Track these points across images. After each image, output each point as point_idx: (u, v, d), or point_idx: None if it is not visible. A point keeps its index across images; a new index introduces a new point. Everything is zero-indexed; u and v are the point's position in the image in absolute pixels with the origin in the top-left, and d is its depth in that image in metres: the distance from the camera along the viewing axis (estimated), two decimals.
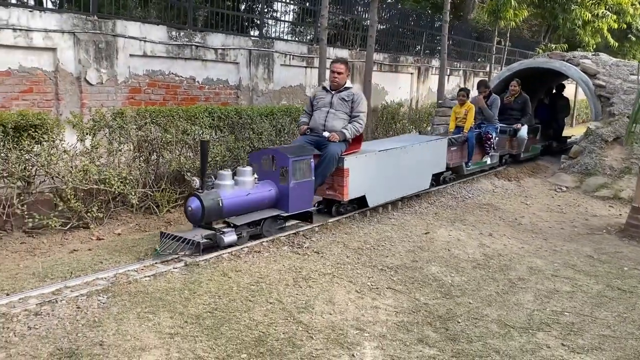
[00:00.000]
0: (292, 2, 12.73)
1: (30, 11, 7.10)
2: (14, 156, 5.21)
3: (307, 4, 12.71)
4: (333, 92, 5.99)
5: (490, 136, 8.66)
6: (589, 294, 4.53)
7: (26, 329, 3.17)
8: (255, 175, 5.05)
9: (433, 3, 19.76)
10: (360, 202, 6.17)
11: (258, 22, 11.76)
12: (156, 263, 4.34)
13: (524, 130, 9.53)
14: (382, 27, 15.37)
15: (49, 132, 5.52)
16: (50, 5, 8.79)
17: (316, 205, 5.96)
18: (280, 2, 12.29)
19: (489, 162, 8.93)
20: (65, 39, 7.47)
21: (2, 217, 5.28)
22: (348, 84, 6.07)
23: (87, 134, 6.03)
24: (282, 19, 12.51)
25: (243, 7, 12.36)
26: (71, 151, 5.87)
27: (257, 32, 11.38)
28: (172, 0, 10.07)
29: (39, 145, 5.50)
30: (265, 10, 12.20)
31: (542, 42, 18.54)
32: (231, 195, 4.77)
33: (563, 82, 12.76)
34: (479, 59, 18.86)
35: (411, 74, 15.17)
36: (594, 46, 17.78)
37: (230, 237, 4.65)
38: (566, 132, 13.21)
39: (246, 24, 11.28)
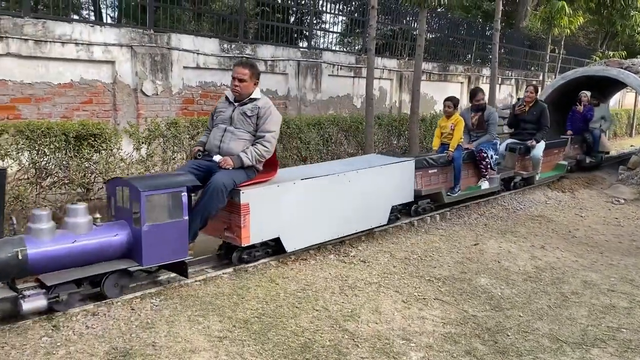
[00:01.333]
0: (340, 13, 12.85)
1: (92, 26, 7.47)
2: (74, 164, 5.48)
3: (356, 15, 12.79)
4: (235, 104, 4.62)
5: (485, 155, 7.19)
6: None
7: (84, 328, 3.32)
8: (97, 215, 3.84)
9: (484, 12, 19.50)
10: (277, 245, 4.77)
11: (307, 33, 11.94)
12: (206, 268, 4.46)
13: (539, 148, 8.18)
14: (431, 36, 15.28)
15: (108, 141, 5.78)
16: (109, 20, 9.24)
17: (218, 249, 4.83)
18: (329, 14, 12.44)
19: (485, 186, 7.34)
20: (123, 52, 7.81)
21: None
22: (256, 94, 4.65)
23: (142, 143, 6.28)
24: (331, 30, 12.65)
25: (292, 19, 12.57)
26: (127, 159, 6.12)
27: (306, 44, 11.54)
28: (224, 13, 10.37)
29: (98, 154, 5.77)
30: (315, 21, 12.36)
31: (599, 49, 17.93)
32: (46, 243, 3.49)
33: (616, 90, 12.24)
34: (531, 68, 18.41)
35: (461, 83, 14.99)
36: None
37: (34, 302, 3.34)
38: (618, 143, 12.46)
39: (295, 35, 11.46)
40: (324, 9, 12.31)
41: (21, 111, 6.91)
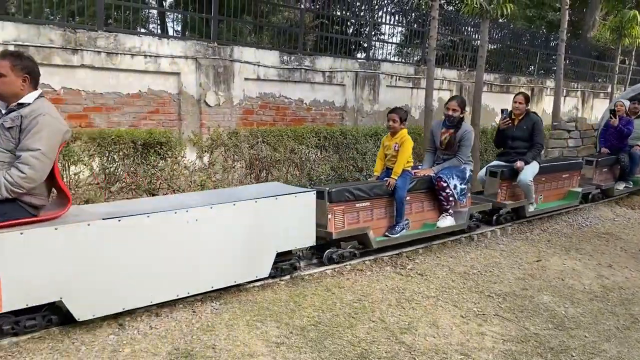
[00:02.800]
0: (399, 24, 12.83)
1: (159, 39, 7.80)
2: (141, 170, 5.73)
3: (415, 26, 12.74)
4: (2, 112, 3.29)
5: (445, 184, 5.58)
6: None
7: (148, 328, 3.45)
8: None
9: (548, 22, 18.94)
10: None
11: (365, 45, 11.98)
12: None
13: (529, 171, 6.42)
14: (493, 47, 14.99)
15: (173, 149, 6.00)
16: (174, 34, 9.61)
17: None
18: (387, 25, 12.45)
19: (445, 224, 5.69)
20: (188, 64, 8.11)
21: None
22: (28, 97, 3.25)
23: (205, 151, 6.48)
24: (390, 41, 12.65)
25: (350, 30, 12.66)
26: (191, 167, 6.33)
27: (364, 55, 11.59)
28: (284, 26, 10.57)
29: (164, 161, 6.00)
30: (373, 33, 12.39)
31: None
32: None
33: None
34: (599, 79, 17.69)
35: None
36: None
37: None
38: None
39: (353, 47, 11.54)
40: (383, 20, 12.34)
41: (93, 120, 7.30)
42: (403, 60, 13.84)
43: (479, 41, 9.82)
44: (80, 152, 5.46)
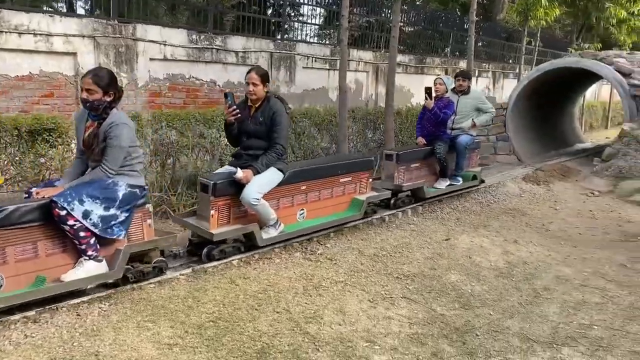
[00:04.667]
0: (318, 5, 12.62)
1: (51, 16, 7.14)
2: (28, 160, 5.21)
3: (334, 7, 12.57)
4: None
5: (64, 212, 3.45)
6: (621, 305, 4.23)
7: (22, 337, 3.08)
8: None
9: (462, 4, 19.39)
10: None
11: (285, 25, 11.68)
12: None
13: (253, 186, 4.43)
14: (410, 29, 15.13)
15: (63, 135, 5.51)
16: (81, 11, 8.88)
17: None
18: (306, 5, 12.19)
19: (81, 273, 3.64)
20: (85, 43, 7.48)
21: None
22: None
23: None
24: (309, 22, 12.40)
25: (270, 11, 12.31)
26: None
27: (280, 36, 11.30)
28: (196, 4, 10.06)
29: (54, 149, 5.50)
30: (292, 14, 12.12)
31: (574, 42, 17.97)
32: None
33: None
34: (509, 60, 18.40)
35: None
36: (630, 45, 17.15)
37: None
38: (594, 135, 10.75)
39: (274, 28, 11.21)
40: (301, 0, 12.07)
41: None
42: (322, 41, 13.67)
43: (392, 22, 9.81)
44: None
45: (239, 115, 4.62)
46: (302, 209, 5.17)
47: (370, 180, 5.91)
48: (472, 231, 5.94)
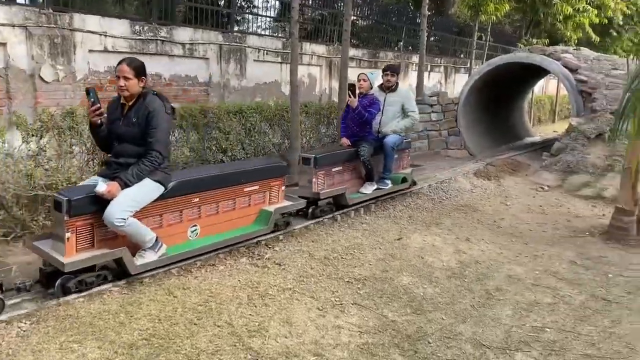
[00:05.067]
0: None
1: None
2: None
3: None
4: None
5: None
6: (572, 305, 4.19)
7: None
8: None
9: None
10: None
11: (236, 17, 11.30)
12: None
13: (114, 207, 3.61)
14: (363, 23, 14.99)
15: None
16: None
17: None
18: None
19: None
20: (16, 33, 6.95)
21: None
22: None
23: (33, 135, 5.56)
24: (261, 14, 12.06)
25: (222, 2, 11.89)
26: (17, 154, 5.41)
27: (235, 28, 10.93)
28: None
29: None
30: (245, 5, 11.75)
31: (523, 37, 18.29)
32: None
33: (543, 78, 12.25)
34: (461, 55, 18.56)
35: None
36: (576, 41, 17.57)
37: None
38: (542, 128, 10.97)
39: (226, 20, 10.83)
40: None
41: None
42: (273, 34, 13.35)
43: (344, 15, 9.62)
44: None
45: (103, 114, 3.99)
46: (195, 225, 4.41)
47: (283, 188, 5.24)
48: (425, 229, 5.84)
